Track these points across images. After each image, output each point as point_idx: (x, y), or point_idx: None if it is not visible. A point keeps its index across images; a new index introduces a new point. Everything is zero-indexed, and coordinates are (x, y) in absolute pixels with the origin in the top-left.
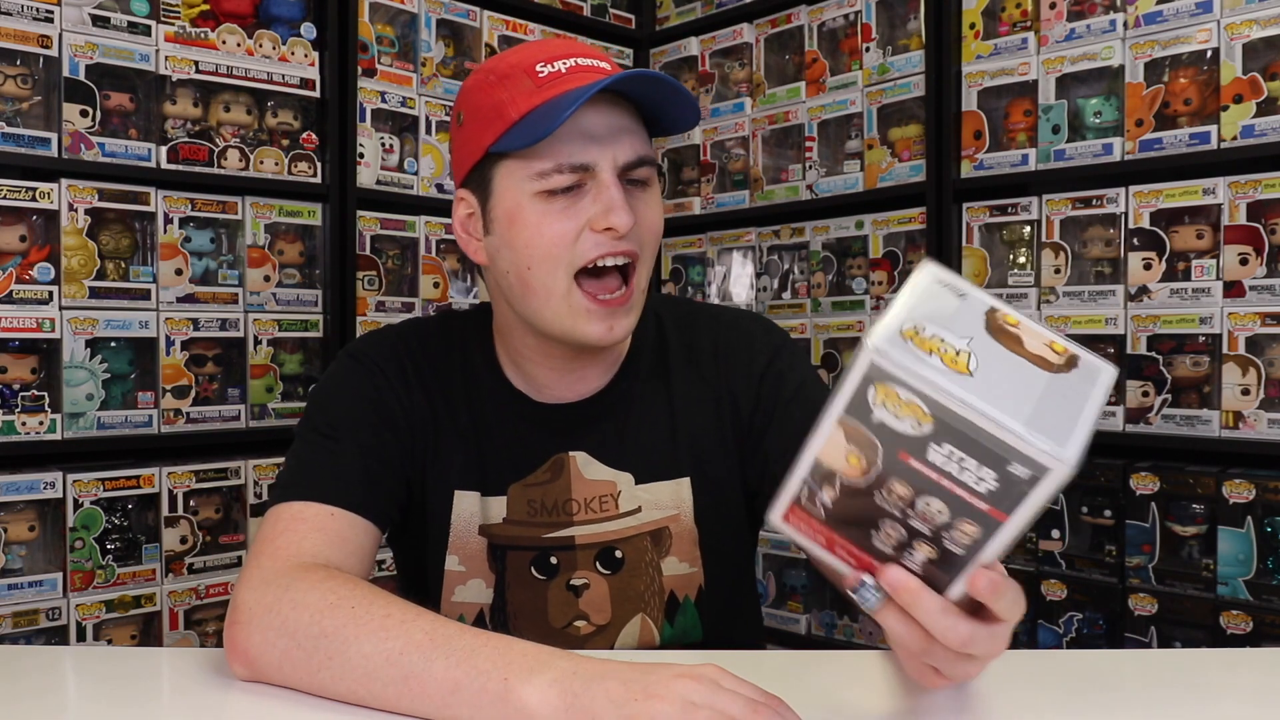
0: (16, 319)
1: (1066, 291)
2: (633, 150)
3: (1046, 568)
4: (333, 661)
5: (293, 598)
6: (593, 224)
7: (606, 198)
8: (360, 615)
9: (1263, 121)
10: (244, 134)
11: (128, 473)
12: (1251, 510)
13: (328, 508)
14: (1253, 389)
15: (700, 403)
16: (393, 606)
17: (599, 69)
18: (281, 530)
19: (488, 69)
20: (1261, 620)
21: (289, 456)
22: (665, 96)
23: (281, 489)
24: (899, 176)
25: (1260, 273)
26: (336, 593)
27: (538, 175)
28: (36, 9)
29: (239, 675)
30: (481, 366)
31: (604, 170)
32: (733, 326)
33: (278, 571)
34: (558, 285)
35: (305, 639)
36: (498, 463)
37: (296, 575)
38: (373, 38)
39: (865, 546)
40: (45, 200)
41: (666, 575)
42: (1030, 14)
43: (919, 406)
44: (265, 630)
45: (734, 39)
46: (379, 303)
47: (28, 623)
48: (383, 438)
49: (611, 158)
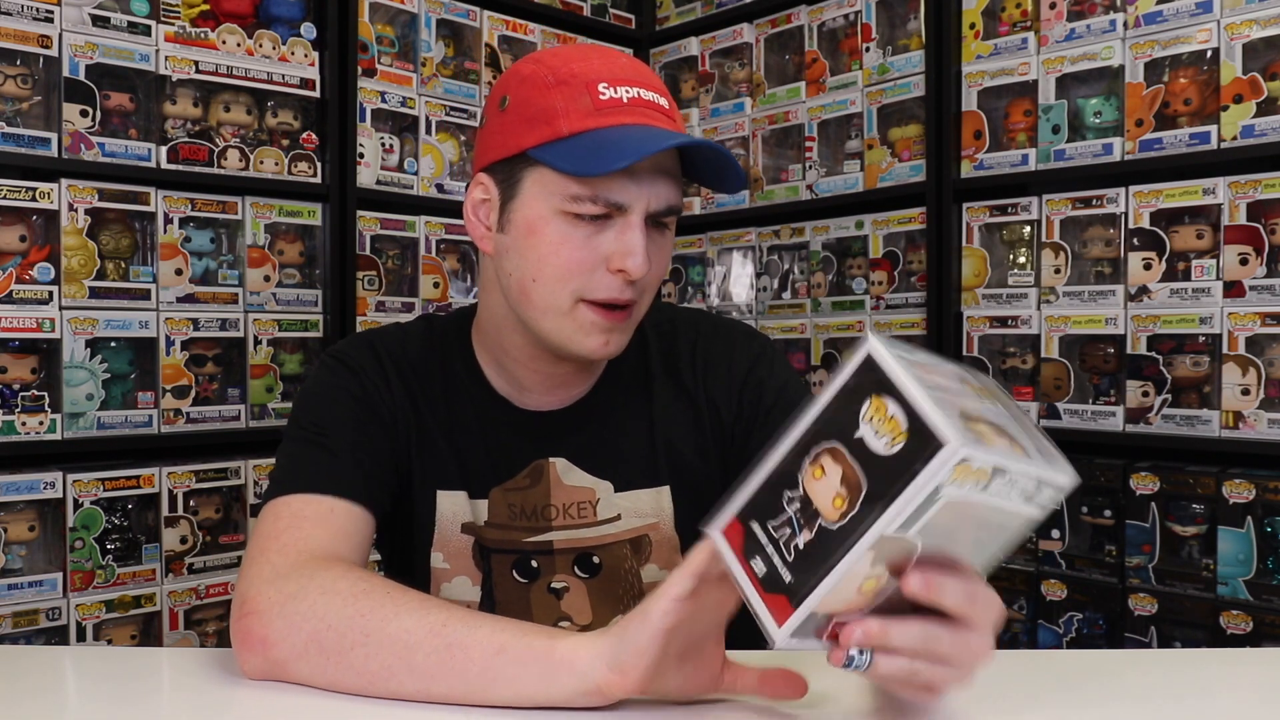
0: (16, 319)
1: (1066, 291)
2: (666, 199)
3: (1046, 568)
4: (369, 638)
5: (321, 585)
6: (609, 262)
7: (629, 240)
8: (397, 598)
9: (1263, 121)
10: (244, 134)
11: (128, 473)
12: (1251, 510)
13: (327, 501)
14: (1253, 389)
15: (681, 411)
16: (427, 596)
17: (659, 107)
18: (285, 527)
19: (548, 66)
20: (1261, 620)
21: (279, 456)
22: (721, 166)
23: (276, 484)
24: (899, 176)
25: (1260, 273)
26: (369, 580)
27: (571, 198)
28: (36, 9)
29: (250, 669)
30: (462, 370)
31: (635, 212)
32: (713, 335)
33: (294, 565)
34: (559, 304)
35: (338, 621)
36: (479, 466)
37: (320, 566)
38: (373, 38)
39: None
40: (45, 200)
41: (647, 582)
42: (1030, 14)
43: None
44: (290, 617)
45: (734, 39)
46: (379, 303)
47: (28, 623)
48: (370, 431)
49: (646, 201)
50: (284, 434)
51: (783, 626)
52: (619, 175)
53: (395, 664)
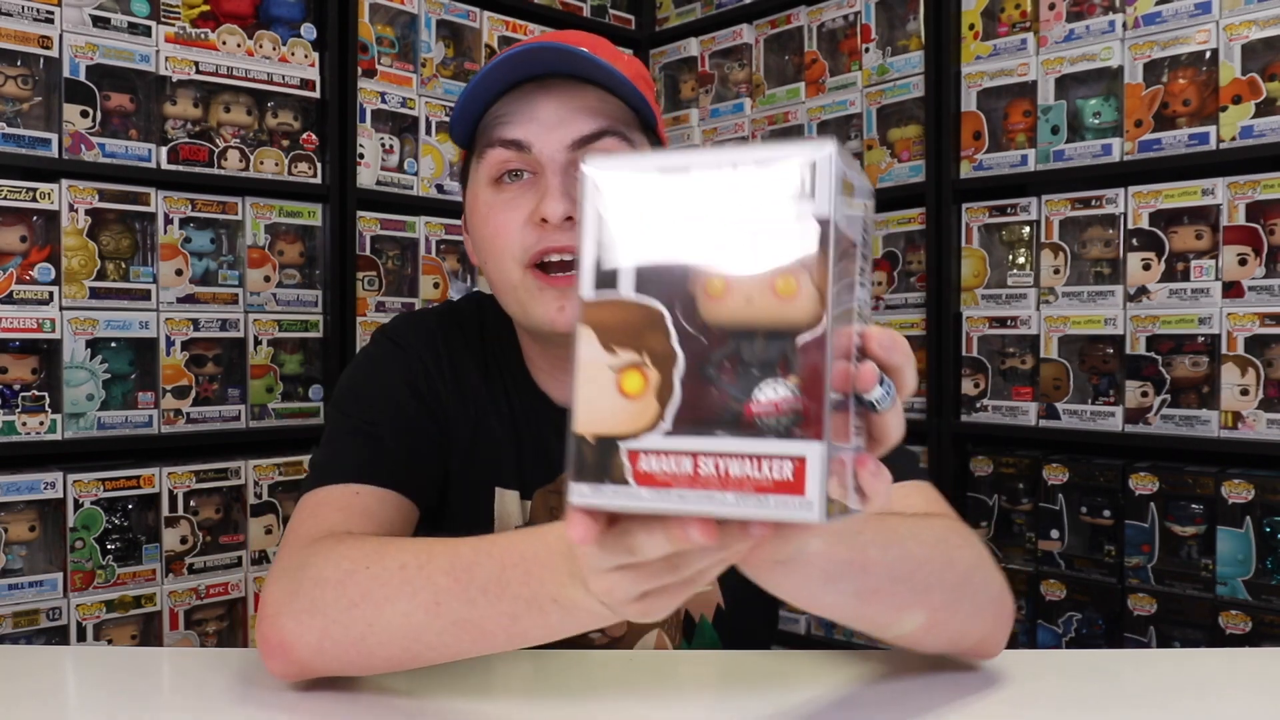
0: (17, 319)
1: (1066, 292)
2: (588, 125)
3: (1046, 567)
4: (374, 628)
5: (311, 575)
6: (531, 216)
7: (542, 185)
8: (378, 574)
9: (1261, 122)
10: (244, 134)
11: (128, 473)
12: (1250, 510)
13: (352, 487)
14: (1251, 389)
15: None
16: (405, 553)
17: (563, 44)
18: (304, 519)
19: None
20: (1260, 620)
21: (321, 442)
22: (589, 70)
23: (310, 478)
24: (898, 177)
25: (1259, 273)
26: (349, 557)
27: (480, 158)
28: (37, 10)
29: (279, 672)
30: (514, 363)
31: (543, 152)
32: None
33: (296, 558)
34: (510, 277)
35: (336, 612)
36: (531, 465)
37: (309, 553)
38: (373, 38)
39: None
40: (46, 201)
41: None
42: (1029, 15)
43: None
44: (296, 614)
45: (734, 40)
46: (379, 303)
47: (28, 623)
48: (418, 418)
49: (558, 140)
50: (327, 414)
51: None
52: (521, 118)
53: (413, 646)
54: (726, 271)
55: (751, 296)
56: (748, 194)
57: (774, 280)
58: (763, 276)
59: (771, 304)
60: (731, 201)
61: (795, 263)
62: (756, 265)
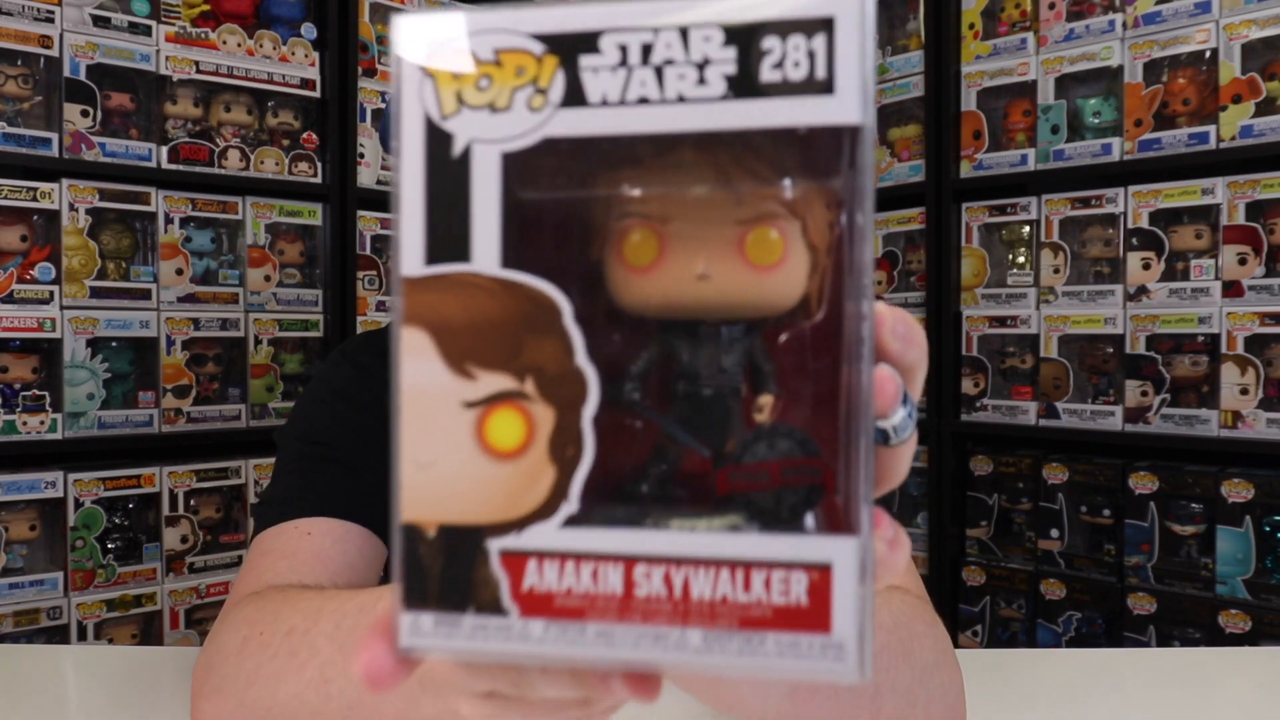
0: (17, 319)
1: (1065, 291)
2: None
3: (1045, 567)
4: (273, 711)
5: (218, 645)
6: None
7: None
8: (268, 643)
9: (1261, 122)
10: (244, 134)
11: (128, 472)
12: (1250, 510)
13: (305, 524)
14: (1251, 389)
15: None
16: (296, 614)
17: None
18: (243, 572)
19: None
20: (1260, 619)
21: (272, 475)
22: None
23: (257, 519)
24: (898, 176)
25: (1259, 273)
26: (248, 622)
27: None
28: (37, 9)
29: None
30: None
31: None
32: None
33: (219, 624)
34: None
35: (237, 690)
36: None
37: (224, 619)
38: (373, 38)
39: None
40: (46, 200)
41: None
42: (1029, 14)
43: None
44: (209, 695)
45: None
46: (379, 303)
47: (28, 622)
48: (382, 438)
49: None
50: (277, 441)
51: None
52: None
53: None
54: (661, 224)
55: (710, 266)
56: (698, 82)
57: (744, 237)
58: (725, 231)
59: (742, 278)
60: (673, 92)
61: (783, 206)
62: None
